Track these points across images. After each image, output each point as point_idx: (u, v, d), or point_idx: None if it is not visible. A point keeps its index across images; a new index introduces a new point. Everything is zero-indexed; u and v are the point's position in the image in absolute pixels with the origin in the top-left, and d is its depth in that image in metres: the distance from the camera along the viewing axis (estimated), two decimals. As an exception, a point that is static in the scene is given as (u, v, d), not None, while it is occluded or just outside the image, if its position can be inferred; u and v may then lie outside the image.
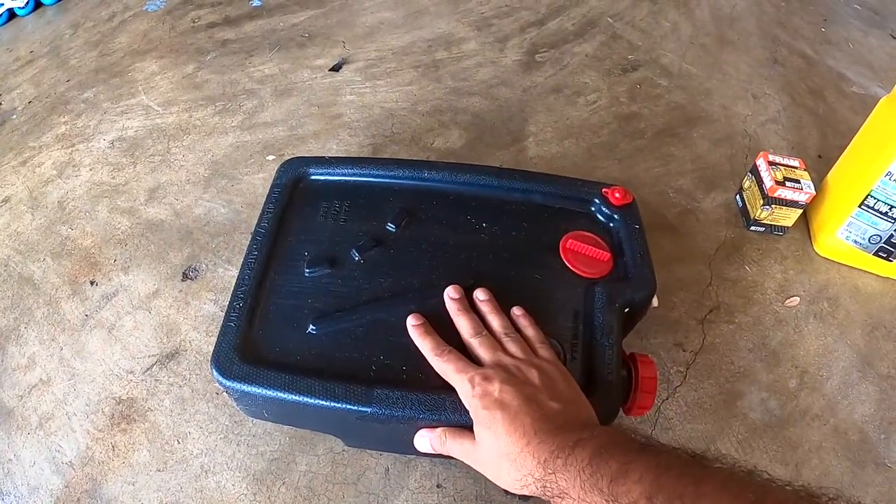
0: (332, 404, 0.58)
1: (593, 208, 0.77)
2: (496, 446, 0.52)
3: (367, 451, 0.74)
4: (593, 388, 0.61)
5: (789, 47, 1.44)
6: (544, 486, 0.48)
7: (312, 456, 0.73)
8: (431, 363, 0.60)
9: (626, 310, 0.68)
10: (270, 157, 1.07)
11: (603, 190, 0.77)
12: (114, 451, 0.74)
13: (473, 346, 0.61)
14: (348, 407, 0.58)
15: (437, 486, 0.72)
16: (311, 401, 0.58)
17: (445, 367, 0.58)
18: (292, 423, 0.72)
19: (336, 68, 1.23)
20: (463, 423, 0.58)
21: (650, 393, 0.65)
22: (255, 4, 1.43)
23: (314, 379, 0.59)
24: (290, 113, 1.14)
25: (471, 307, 0.65)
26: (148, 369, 0.80)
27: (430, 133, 1.12)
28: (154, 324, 0.85)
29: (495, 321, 0.63)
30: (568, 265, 0.70)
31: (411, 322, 0.63)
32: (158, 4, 1.48)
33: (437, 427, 0.59)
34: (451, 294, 0.65)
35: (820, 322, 0.91)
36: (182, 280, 0.89)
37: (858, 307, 0.94)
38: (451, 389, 0.59)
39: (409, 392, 0.59)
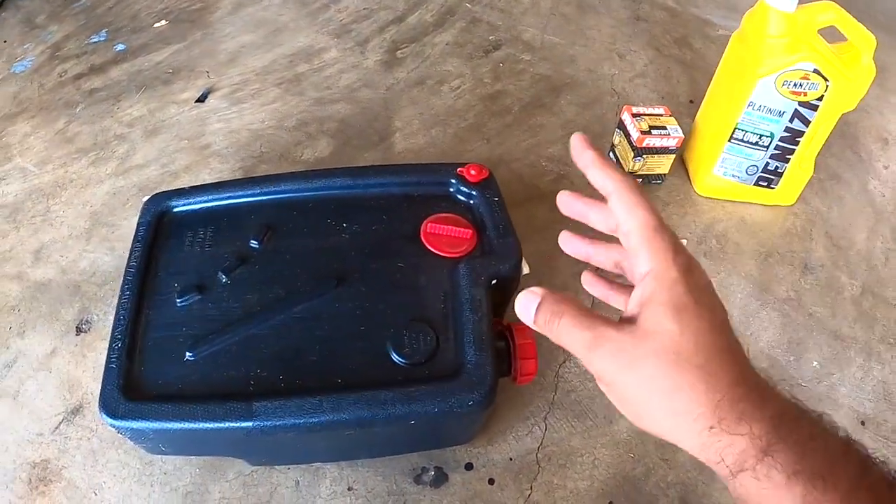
0: (216, 425, 0.60)
1: (452, 189, 0.79)
2: (685, 345, 0.35)
3: (275, 466, 0.76)
4: (468, 364, 0.63)
5: (651, 2, 1.49)
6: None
7: (224, 482, 0.75)
8: None
9: (494, 282, 0.70)
10: (146, 198, 1.06)
11: (458, 170, 0.79)
12: (36, 514, 0.74)
13: None
14: (230, 425, 0.60)
15: (349, 489, 0.74)
16: (196, 425, 0.60)
17: None
18: (192, 453, 0.74)
19: (202, 99, 1.24)
20: (344, 421, 0.60)
21: (530, 358, 0.67)
22: (118, 49, 1.42)
23: (195, 404, 0.61)
24: (161, 151, 1.15)
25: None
26: (56, 428, 0.81)
27: (298, 146, 1.14)
28: (56, 382, 0.85)
29: None
30: (431, 249, 0.72)
31: None
32: (26, 65, 1.46)
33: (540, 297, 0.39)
34: None
35: (710, 260, 0.93)
36: (76, 334, 0.90)
37: (748, 238, 0.96)
38: (329, 390, 0.60)
39: (287, 400, 0.60)
